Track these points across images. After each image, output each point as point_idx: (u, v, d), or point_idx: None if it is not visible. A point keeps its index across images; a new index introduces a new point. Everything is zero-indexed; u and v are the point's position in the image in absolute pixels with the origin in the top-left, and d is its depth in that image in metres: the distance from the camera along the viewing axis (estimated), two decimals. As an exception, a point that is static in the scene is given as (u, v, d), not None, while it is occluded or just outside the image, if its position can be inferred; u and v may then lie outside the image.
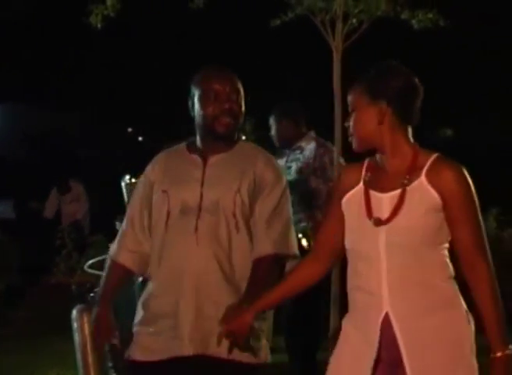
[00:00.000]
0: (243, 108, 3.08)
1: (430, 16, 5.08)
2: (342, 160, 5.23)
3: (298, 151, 5.36)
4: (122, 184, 5.53)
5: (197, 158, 3.06)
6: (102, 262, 6.19)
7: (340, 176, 2.78)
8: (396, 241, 2.53)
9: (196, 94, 3.06)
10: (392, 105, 2.57)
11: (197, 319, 2.93)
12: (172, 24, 14.66)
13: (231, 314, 2.80)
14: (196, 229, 2.98)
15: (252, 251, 3.01)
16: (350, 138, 2.64)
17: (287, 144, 5.47)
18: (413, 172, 2.55)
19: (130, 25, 12.28)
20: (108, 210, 6.58)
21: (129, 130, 21.18)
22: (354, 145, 2.62)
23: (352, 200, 2.64)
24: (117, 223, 5.82)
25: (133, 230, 3.12)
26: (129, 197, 6.03)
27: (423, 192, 2.53)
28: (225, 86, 3.03)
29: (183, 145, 3.14)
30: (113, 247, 3.17)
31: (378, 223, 2.54)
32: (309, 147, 5.30)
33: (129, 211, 3.18)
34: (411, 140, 2.61)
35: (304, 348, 5.12)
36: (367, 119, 2.58)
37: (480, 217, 2.58)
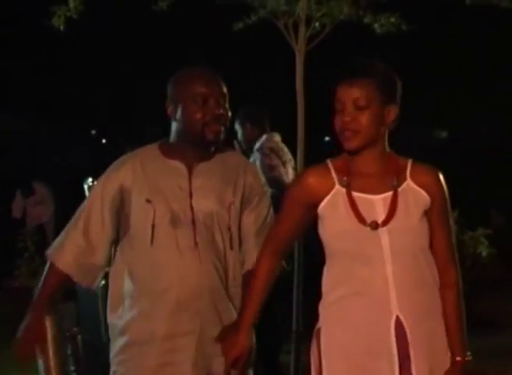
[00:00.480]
0: (230, 113, 2.89)
1: (392, 20, 5.12)
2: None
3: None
4: (85, 187, 5.51)
5: (179, 165, 2.83)
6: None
7: (304, 180, 2.64)
8: (400, 243, 2.51)
9: (179, 98, 2.82)
10: (397, 109, 2.58)
11: (200, 343, 2.76)
12: (135, 27, 14.60)
13: (227, 341, 2.72)
14: (196, 244, 2.76)
15: (243, 263, 2.87)
16: (346, 133, 2.53)
17: (253, 146, 5.57)
18: (398, 175, 2.56)
19: (93, 27, 12.20)
20: (71, 213, 6.55)
21: (93, 132, 21.05)
22: (354, 143, 2.54)
23: (333, 203, 2.56)
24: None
25: (86, 237, 2.82)
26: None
27: (415, 193, 2.54)
28: (213, 90, 2.82)
29: (154, 149, 2.89)
30: (54, 246, 2.89)
31: (375, 226, 2.51)
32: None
33: (82, 214, 2.86)
34: None
35: (264, 348, 5.13)
36: (378, 119, 2.53)
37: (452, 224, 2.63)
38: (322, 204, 2.57)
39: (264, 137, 5.69)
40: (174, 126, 2.86)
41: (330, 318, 2.56)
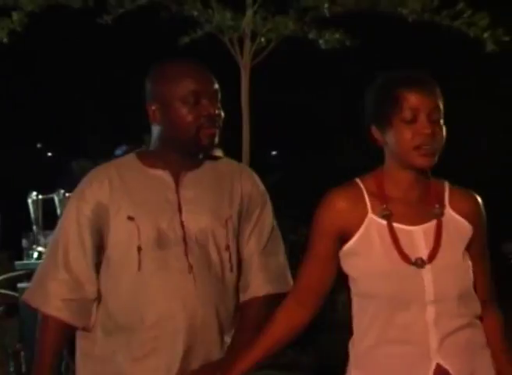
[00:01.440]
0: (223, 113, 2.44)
1: (337, 36, 5.18)
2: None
3: None
4: (29, 201, 5.44)
5: (164, 174, 2.39)
6: (8, 280, 6.06)
7: (334, 205, 2.18)
8: (445, 283, 2.15)
9: (164, 98, 2.35)
10: None
11: None
12: (81, 40, 14.51)
13: None
14: (190, 267, 2.33)
15: (244, 289, 2.45)
16: (426, 150, 2.10)
17: None
18: (438, 201, 2.19)
19: (37, 40, 12.10)
20: (15, 228, 6.47)
21: (39, 145, 20.82)
22: (432, 161, 2.13)
23: (368, 237, 2.15)
24: (23, 241, 5.72)
25: (69, 271, 2.37)
26: (36, 214, 5.93)
27: (457, 223, 2.19)
28: (205, 86, 2.37)
29: (131, 158, 2.44)
30: (33, 290, 2.43)
31: (421, 263, 2.13)
32: None
33: (59, 246, 2.40)
34: None
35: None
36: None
37: None
38: (355, 238, 2.15)
39: None
40: (157, 130, 2.40)
41: (363, 368, 2.22)
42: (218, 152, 6.34)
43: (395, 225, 2.14)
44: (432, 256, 2.13)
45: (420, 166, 2.12)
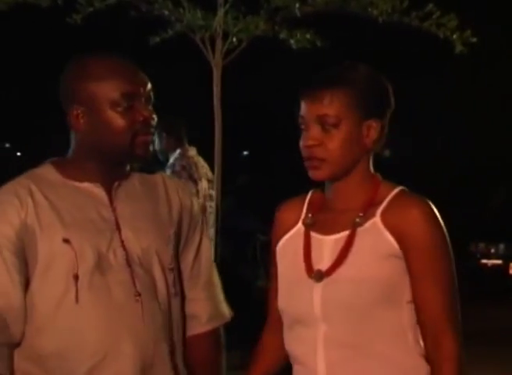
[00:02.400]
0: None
1: (307, 36, 5.19)
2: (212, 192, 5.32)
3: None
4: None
5: (94, 188, 2.05)
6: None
7: (276, 217, 2.07)
8: (336, 299, 1.90)
9: (89, 100, 2.02)
10: (382, 123, 1.96)
11: None
12: (49, 39, 14.42)
13: None
14: (138, 295, 1.99)
15: (190, 320, 2.15)
16: (309, 163, 1.93)
17: (169, 157, 5.58)
18: (369, 209, 1.93)
19: (5, 39, 12.00)
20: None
21: (7, 145, 20.66)
22: (320, 175, 1.93)
23: (287, 246, 2.01)
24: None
25: None
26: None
27: (377, 237, 1.91)
28: (140, 86, 2.05)
29: (48, 169, 2.07)
30: None
31: (320, 277, 1.91)
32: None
33: None
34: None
35: None
36: (352, 141, 1.91)
37: (453, 273, 1.92)
38: (278, 246, 2.04)
39: (177, 152, 5.68)
40: (79, 137, 2.05)
41: None
42: (193, 151, 6.36)
43: (312, 234, 1.97)
44: (331, 270, 1.90)
45: (312, 179, 1.95)
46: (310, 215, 1.99)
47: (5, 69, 16.16)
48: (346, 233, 1.92)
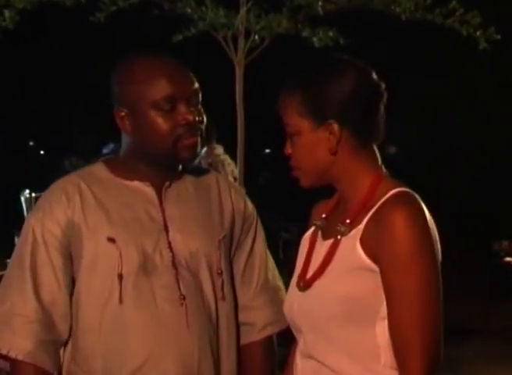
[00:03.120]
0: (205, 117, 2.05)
1: (330, 34, 5.19)
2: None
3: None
4: (22, 199, 5.44)
5: (144, 187, 2.01)
6: None
7: (311, 213, 2.01)
8: (306, 313, 1.82)
9: (133, 103, 1.97)
10: (347, 123, 1.80)
11: None
12: (73, 38, 14.50)
13: None
14: (183, 298, 1.94)
15: (244, 328, 2.10)
16: (294, 172, 1.87)
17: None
18: (360, 214, 1.79)
19: (29, 37, 12.09)
20: (7, 228, 6.46)
21: (31, 143, 20.80)
22: (304, 182, 1.86)
23: (300, 246, 1.95)
24: (16, 239, 5.72)
25: (41, 305, 1.94)
26: (28, 211, 5.94)
27: (352, 248, 1.76)
28: (183, 88, 1.98)
29: (100, 167, 2.05)
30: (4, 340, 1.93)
31: (303, 287, 1.83)
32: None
33: (26, 272, 1.96)
34: (379, 164, 1.86)
35: None
36: (315, 148, 1.82)
37: (432, 291, 1.71)
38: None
39: (203, 150, 5.70)
40: (127, 139, 2.02)
41: None
42: (220, 149, 6.36)
43: (318, 237, 1.89)
44: (311, 281, 1.81)
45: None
46: (323, 216, 1.92)
47: (30, 68, 16.27)
48: (331, 240, 1.82)
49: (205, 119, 2.03)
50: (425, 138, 15.32)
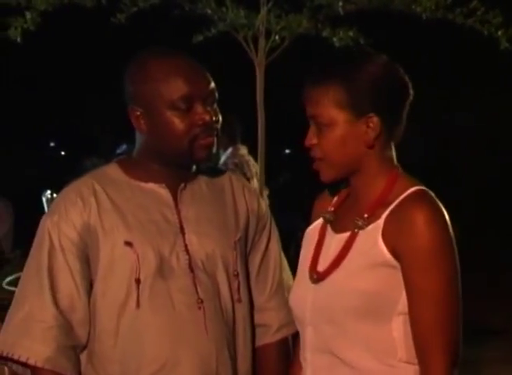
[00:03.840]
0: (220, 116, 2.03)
1: (350, 34, 5.18)
2: (266, 192, 5.25)
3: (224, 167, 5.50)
4: (44, 199, 5.47)
5: (159, 189, 1.99)
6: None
7: (313, 205, 2.02)
8: (322, 306, 1.81)
9: (148, 102, 1.95)
10: (385, 117, 1.78)
11: None
12: (93, 39, 14.55)
13: None
14: (200, 301, 1.93)
15: (259, 330, 2.10)
16: (316, 164, 1.84)
17: (219, 156, 5.59)
18: (377, 209, 1.79)
19: (51, 39, 12.14)
20: (28, 228, 6.50)
21: (52, 144, 20.91)
22: (326, 175, 1.84)
23: (306, 238, 1.96)
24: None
25: (59, 311, 1.92)
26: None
27: (372, 241, 1.76)
28: (200, 87, 1.95)
29: (114, 168, 2.04)
30: (12, 335, 1.92)
31: (317, 279, 1.83)
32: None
33: (43, 277, 1.93)
34: (395, 161, 1.86)
35: None
36: (349, 141, 1.78)
37: (452, 287, 1.73)
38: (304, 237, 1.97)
39: (229, 150, 5.69)
40: (142, 139, 2.01)
41: None
42: (244, 150, 6.34)
43: (328, 230, 1.89)
44: (326, 273, 1.80)
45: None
46: (332, 209, 1.90)
47: (50, 69, 16.35)
48: (347, 234, 1.81)
49: (221, 118, 2.02)
50: (438, 138, 15.23)
